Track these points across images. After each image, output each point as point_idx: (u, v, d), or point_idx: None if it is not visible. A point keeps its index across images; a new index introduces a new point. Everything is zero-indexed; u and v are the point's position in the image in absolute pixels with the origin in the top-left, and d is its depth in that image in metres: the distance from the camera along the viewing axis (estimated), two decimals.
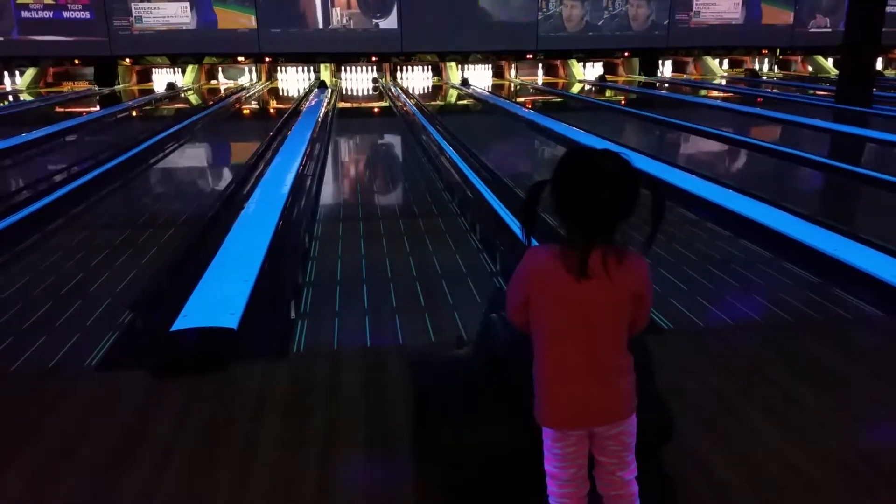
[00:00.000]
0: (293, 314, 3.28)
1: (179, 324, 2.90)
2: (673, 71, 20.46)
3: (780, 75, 20.06)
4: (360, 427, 2.20)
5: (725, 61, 20.71)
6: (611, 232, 1.41)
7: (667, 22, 18.81)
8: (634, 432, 1.54)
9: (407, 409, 2.18)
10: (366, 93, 16.59)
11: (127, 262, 4.07)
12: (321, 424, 2.23)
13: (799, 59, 20.75)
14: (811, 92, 14.48)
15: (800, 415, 2.29)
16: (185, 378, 2.56)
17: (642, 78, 18.96)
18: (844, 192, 6.40)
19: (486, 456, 1.79)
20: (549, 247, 1.46)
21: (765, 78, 19.21)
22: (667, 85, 17.51)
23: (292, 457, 2.05)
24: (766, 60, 20.81)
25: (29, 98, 15.48)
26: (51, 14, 16.62)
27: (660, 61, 19.69)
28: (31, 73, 17.26)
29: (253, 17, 17.21)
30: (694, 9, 18.96)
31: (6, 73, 17.50)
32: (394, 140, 9.75)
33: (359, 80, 18.72)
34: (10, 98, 15.52)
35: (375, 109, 13.50)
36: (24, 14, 16.50)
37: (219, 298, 3.16)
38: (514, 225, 4.48)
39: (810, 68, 20.35)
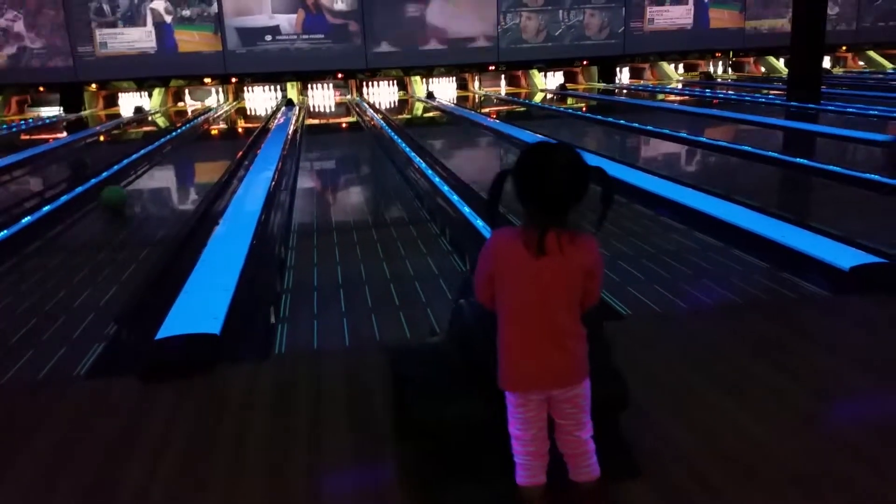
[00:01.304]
0: (273, 319, 3.43)
1: (164, 332, 3.03)
2: (631, 77, 20.98)
3: (734, 77, 20.71)
4: (342, 421, 2.35)
5: (681, 66, 21.31)
6: (564, 215, 1.62)
7: (622, 30, 19.34)
8: (588, 395, 1.73)
9: (386, 399, 2.33)
10: (333, 109, 16.76)
11: (107, 280, 4.18)
12: (305, 420, 2.37)
13: (751, 60, 21.45)
14: (764, 91, 15.02)
15: (754, 387, 2.48)
16: (172, 382, 2.69)
17: (601, 85, 19.43)
18: (793, 183, 6.74)
19: (461, 428, 1.97)
20: (511, 229, 1.66)
21: (719, 80, 19.81)
22: (624, 91, 17.98)
23: (280, 452, 2.18)
24: (720, 63, 21.47)
25: None
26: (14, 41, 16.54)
27: (617, 68, 20.19)
28: None
29: (218, 38, 17.32)
30: (647, 16, 19.52)
31: None
32: (363, 153, 9.92)
33: (326, 97, 18.88)
34: None
35: (343, 125, 13.67)
36: None
37: (201, 307, 3.30)
38: (483, 227, 4.69)
39: (763, 69, 21.04)
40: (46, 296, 3.93)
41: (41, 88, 17.45)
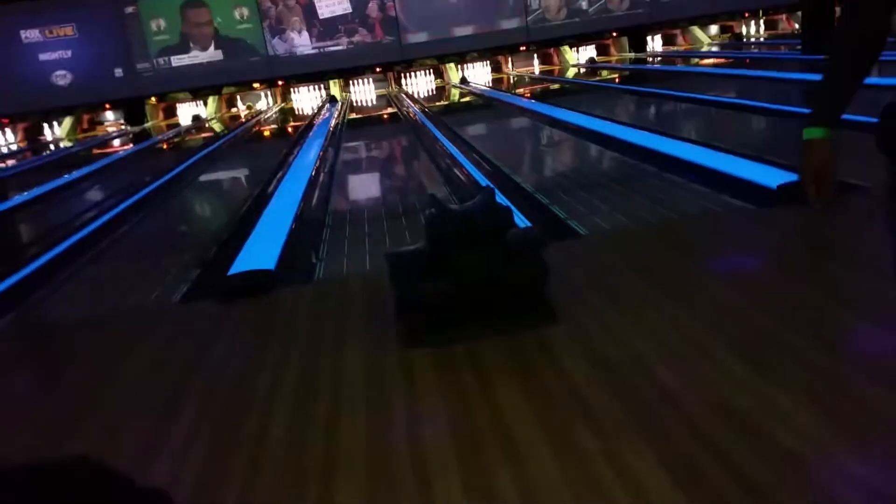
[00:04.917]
0: (314, 259, 4.45)
1: (234, 269, 4.08)
2: (664, 44, 21.27)
3: (766, 35, 20.76)
4: (360, 314, 3.31)
5: (715, 28, 21.44)
6: None
7: None
8: None
9: (386, 288, 3.27)
10: (374, 102, 17.84)
11: (190, 243, 5.31)
12: (334, 318, 3.33)
13: (783, 17, 21.41)
14: (793, 48, 15.20)
15: (679, 282, 3.12)
16: (240, 302, 3.71)
17: (632, 55, 19.85)
18: (770, 127, 7.36)
19: (430, 299, 2.90)
20: None
21: (752, 40, 19.94)
22: (654, 59, 18.40)
23: (315, 339, 3.11)
24: (752, 22, 21.51)
25: (69, 144, 17.08)
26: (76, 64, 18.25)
27: (648, 37, 20.54)
28: (68, 121, 18.93)
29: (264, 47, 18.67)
30: None
31: (45, 125, 19.21)
32: (398, 141, 10.90)
33: (367, 92, 19.96)
34: (52, 147, 17.18)
35: (384, 116, 14.69)
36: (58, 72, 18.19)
37: (260, 253, 4.34)
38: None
39: (796, 25, 20.97)
40: (144, 256, 5.08)
41: (107, 106, 19.12)
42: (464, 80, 18.78)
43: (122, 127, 18.86)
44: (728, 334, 2.58)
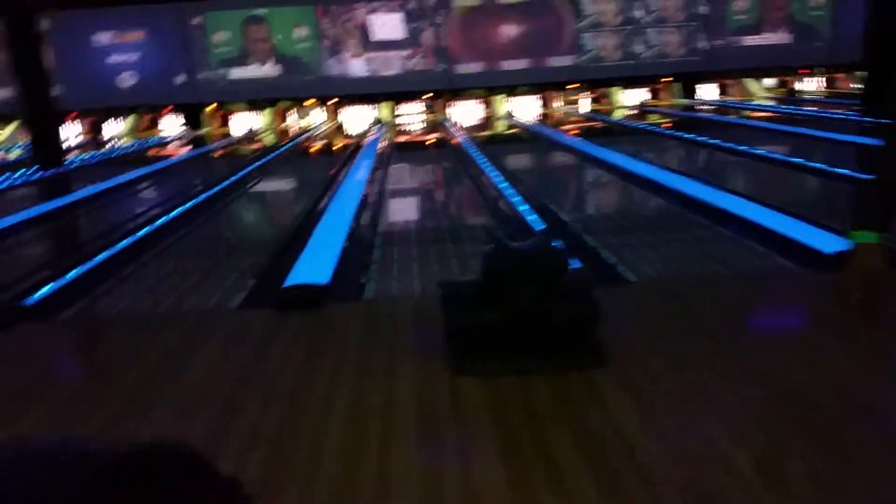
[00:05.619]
0: (364, 278, 4.58)
1: (289, 281, 4.23)
2: (719, 93, 21.25)
3: (826, 93, 20.60)
4: (410, 337, 3.40)
5: (772, 81, 21.34)
6: None
7: (703, 47, 19.74)
8: None
9: (437, 315, 3.36)
10: (420, 127, 18.16)
11: (245, 254, 5.50)
12: (386, 338, 3.42)
13: (842, 76, 21.24)
14: (850, 107, 15.05)
15: (730, 341, 3.16)
16: (295, 314, 3.84)
17: (683, 101, 19.87)
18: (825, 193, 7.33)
19: (481, 329, 2.99)
20: None
21: (806, 97, 19.81)
22: (703, 107, 18.39)
23: (367, 356, 3.21)
24: (810, 78, 21.38)
25: (129, 142, 17.71)
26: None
27: (701, 84, 20.55)
28: (129, 120, 19.64)
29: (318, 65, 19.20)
30: (729, 34, 19.83)
31: (106, 122, 19.97)
32: (442, 164, 11.10)
33: (414, 116, 20.33)
34: (111, 143, 17.83)
35: (428, 141, 14.94)
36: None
37: (314, 268, 4.49)
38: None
39: (853, 85, 20.78)
40: (203, 258, 5.28)
41: (166, 109, 19.83)
42: (510, 114, 19.00)
43: (182, 128, 19.51)
44: (775, 397, 2.60)
